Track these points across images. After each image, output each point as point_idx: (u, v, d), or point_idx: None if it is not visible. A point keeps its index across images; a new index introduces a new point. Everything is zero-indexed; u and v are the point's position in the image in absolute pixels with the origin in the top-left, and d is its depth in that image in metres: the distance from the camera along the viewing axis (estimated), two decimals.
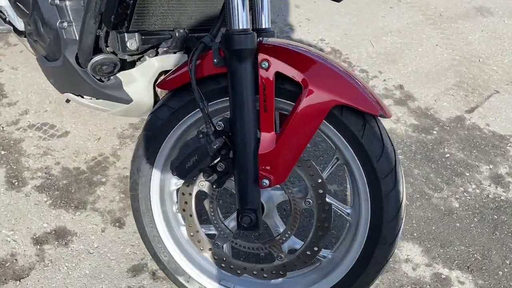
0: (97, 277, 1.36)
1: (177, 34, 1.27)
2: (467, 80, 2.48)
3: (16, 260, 1.39)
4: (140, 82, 1.30)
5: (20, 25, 1.60)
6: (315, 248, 1.14)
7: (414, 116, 2.17)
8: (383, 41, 2.79)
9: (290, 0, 3.18)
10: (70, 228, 1.50)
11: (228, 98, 1.01)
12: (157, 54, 1.30)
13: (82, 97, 1.42)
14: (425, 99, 2.30)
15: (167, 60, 1.27)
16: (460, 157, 1.94)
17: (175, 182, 1.23)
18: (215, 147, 1.01)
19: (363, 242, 1.11)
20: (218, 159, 1.04)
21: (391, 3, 3.28)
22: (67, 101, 1.99)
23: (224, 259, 1.20)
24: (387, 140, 1.05)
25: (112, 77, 1.31)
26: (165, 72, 1.29)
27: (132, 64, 1.32)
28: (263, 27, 1.18)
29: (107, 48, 1.26)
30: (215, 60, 1.01)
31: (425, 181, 1.81)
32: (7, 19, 1.71)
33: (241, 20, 0.95)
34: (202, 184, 1.15)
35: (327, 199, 1.10)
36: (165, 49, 1.30)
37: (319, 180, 1.09)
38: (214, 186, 1.10)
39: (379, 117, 1.02)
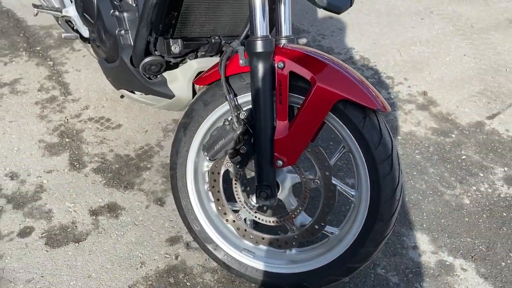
0: (140, 244, 1.61)
1: (213, 40, 1.51)
2: (492, 88, 2.58)
3: (76, 226, 1.67)
4: (182, 80, 1.55)
5: (86, 32, 1.90)
6: (322, 223, 1.33)
7: (435, 120, 2.30)
8: (411, 50, 2.93)
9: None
10: (120, 204, 1.76)
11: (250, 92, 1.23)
12: (196, 57, 1.55)
13: (134, 92, 1.69)
14: (447, 105, 2.42)
15: (204, 62, 1.52)
16: (476, 159, 2.05)
17: (206, 164, 1.46)
18: (238, 132, 1.24)
19: (363, 219, 1.29)
20: (242, 143, 1.26)
21: (422, 15, 3.41)
22: (121, 96, 2.30)
23: (246, 230, 1.42)
24: (385, 131, 1.23)
25: (158, 76, 1.57)
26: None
27: (175, 65, 1.58)
28: (285, 34, 1.39)
29: (155, 52, 1.52)
30: (241, 61, 1.24)
31: (439, 179, 1.94)
32: (74, 28, 2.02)
33: (262, 28, 1.18)
34: (229, 164, 1.37)
35: (333, 181, 1.30)
36: (203, 52, 1.54)
37: (326, 164, 1.28)
38: (238, 166, 1.32)
39: (377, 111, 1.21)
